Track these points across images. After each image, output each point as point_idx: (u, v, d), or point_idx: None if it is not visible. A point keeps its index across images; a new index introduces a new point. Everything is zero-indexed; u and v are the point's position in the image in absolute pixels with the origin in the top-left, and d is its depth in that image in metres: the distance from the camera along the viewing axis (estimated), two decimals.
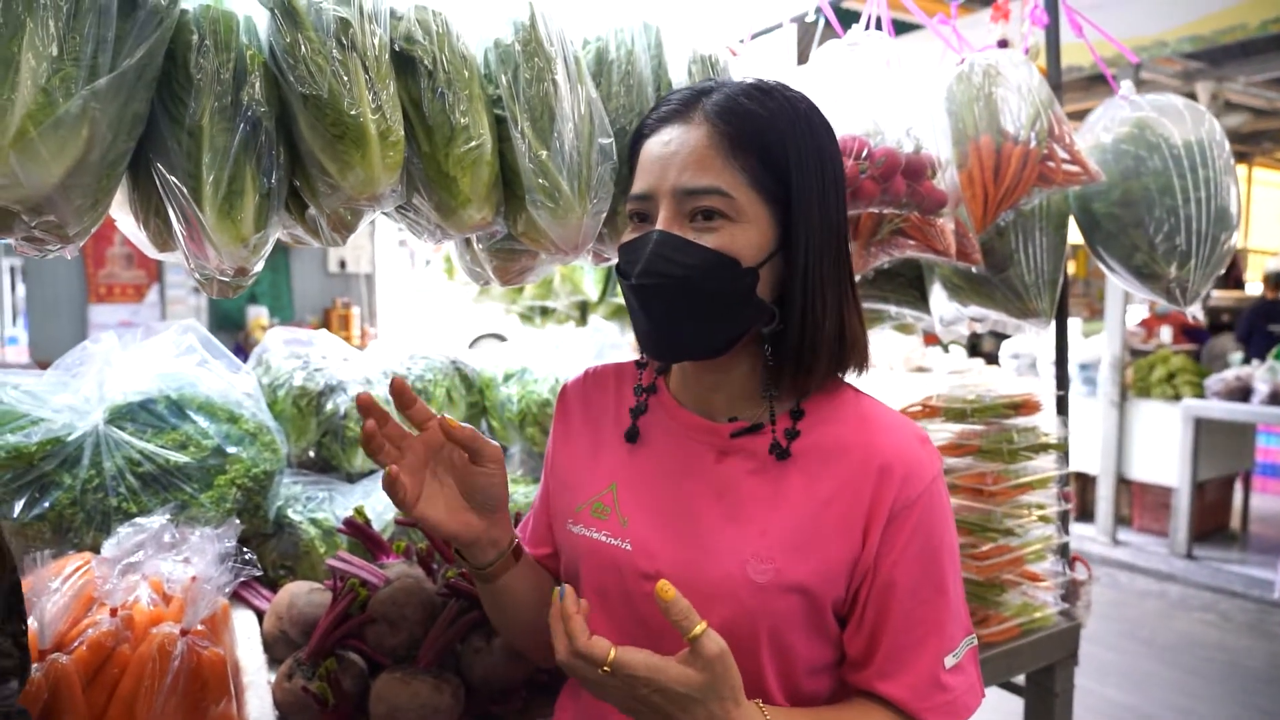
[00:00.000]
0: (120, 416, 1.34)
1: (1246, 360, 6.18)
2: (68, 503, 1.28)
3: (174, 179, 0.87)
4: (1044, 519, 1.80)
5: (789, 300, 0.95)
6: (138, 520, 1.24)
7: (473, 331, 7.15)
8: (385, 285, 7.45)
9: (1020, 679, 1.91)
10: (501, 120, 1.03)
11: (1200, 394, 5.61)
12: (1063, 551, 1.91)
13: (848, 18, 1.91)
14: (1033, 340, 6.79)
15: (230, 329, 7.28)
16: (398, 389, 0.96)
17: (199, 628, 1.10)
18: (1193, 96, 6.58)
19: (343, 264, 7.34)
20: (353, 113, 0.89)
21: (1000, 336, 7.30)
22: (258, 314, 7.24)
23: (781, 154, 0.92)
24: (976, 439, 1.75)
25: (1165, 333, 6.65)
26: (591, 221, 1.07)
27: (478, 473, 0.97)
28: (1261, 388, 5.30)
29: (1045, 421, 1.82)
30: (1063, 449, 1.84)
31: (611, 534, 1.01)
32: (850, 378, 1.05)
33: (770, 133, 0.93)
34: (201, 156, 0.87)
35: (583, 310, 3.05)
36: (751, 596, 0.92)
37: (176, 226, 0.91)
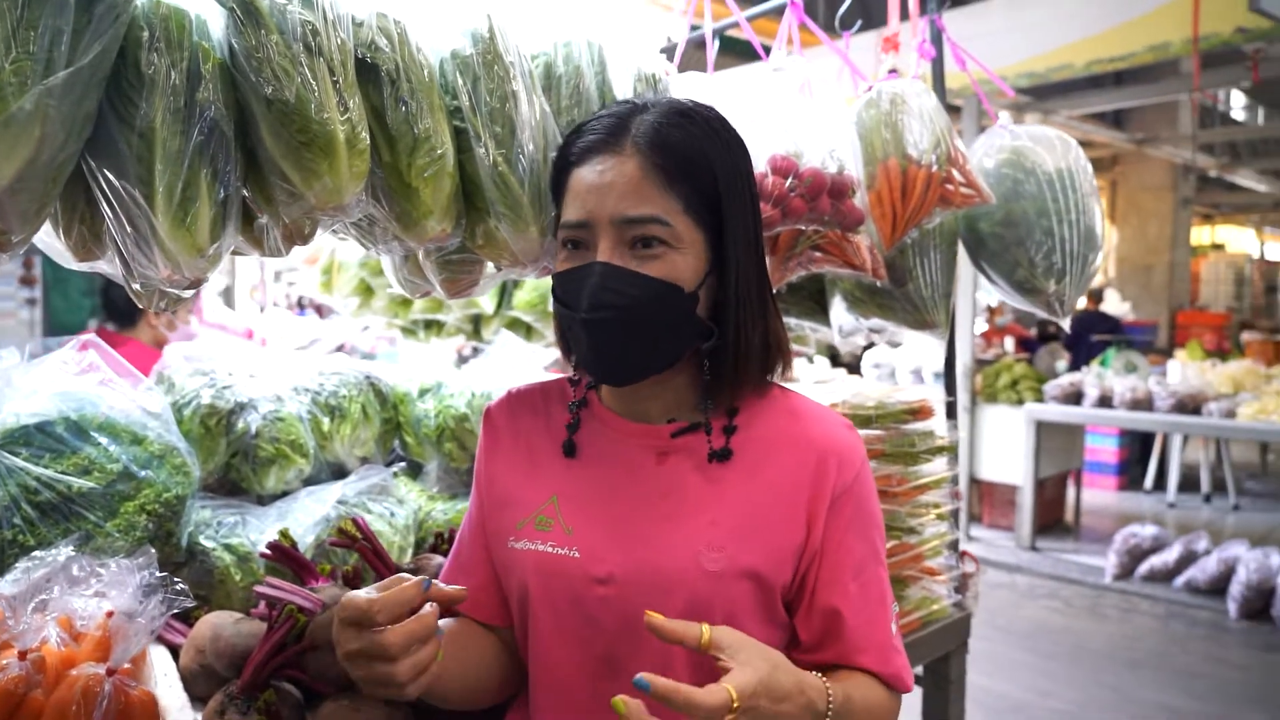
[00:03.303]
0: (13, 441, 1.22)
1: (1075, 367, 6.80)
2: None
3: (123, 185, 0.82)
4: (940, 517, 1.93)
5: (723, 316, 1.00)
6: (37, 554, 1.14)
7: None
8: (243, 297, 7.03)
9: (919, 669, 2.03)
10: (460, 132, 1.02)
11: (1040, 399, 6.12)
12: (954, 547, 2.05)
13: (732, 43, 1.99)
14: (890, 351, 7.21)
15: None
16: None
17: (126, 666, 1.02)
18: None
19: None
20: (321, 118, 0.86)
21: (864, 347, 7.67)
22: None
23: (711, 181, 0.97)
24: (880, 444, 1.85)
25: (1009, 342, 7.21)
26: (550, 235, 1.08)
27: None
28: (1091, 392, 5.84)
29: (938, 425, 1.95)
30: (954, 451, 1.98)
31: (557, 544, 1.01)
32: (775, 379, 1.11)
33: (700, 161, 0.96)
34: (154, 161, 0.82)
35: (475, 324, 2.99)
36: (706, 585, 0.96)
37: (119, 236, 0.85)
